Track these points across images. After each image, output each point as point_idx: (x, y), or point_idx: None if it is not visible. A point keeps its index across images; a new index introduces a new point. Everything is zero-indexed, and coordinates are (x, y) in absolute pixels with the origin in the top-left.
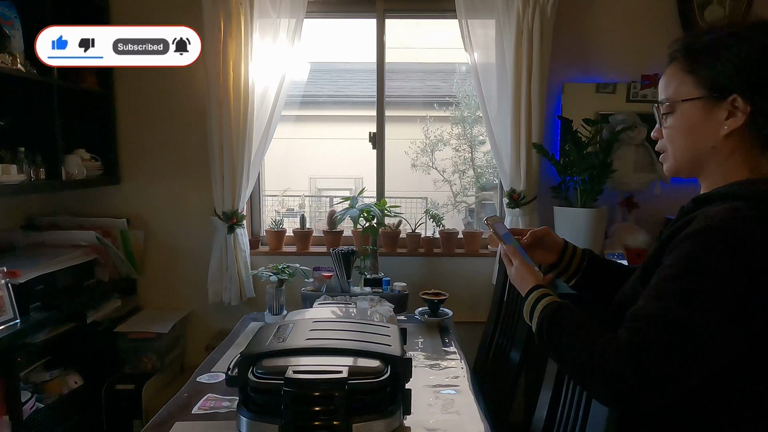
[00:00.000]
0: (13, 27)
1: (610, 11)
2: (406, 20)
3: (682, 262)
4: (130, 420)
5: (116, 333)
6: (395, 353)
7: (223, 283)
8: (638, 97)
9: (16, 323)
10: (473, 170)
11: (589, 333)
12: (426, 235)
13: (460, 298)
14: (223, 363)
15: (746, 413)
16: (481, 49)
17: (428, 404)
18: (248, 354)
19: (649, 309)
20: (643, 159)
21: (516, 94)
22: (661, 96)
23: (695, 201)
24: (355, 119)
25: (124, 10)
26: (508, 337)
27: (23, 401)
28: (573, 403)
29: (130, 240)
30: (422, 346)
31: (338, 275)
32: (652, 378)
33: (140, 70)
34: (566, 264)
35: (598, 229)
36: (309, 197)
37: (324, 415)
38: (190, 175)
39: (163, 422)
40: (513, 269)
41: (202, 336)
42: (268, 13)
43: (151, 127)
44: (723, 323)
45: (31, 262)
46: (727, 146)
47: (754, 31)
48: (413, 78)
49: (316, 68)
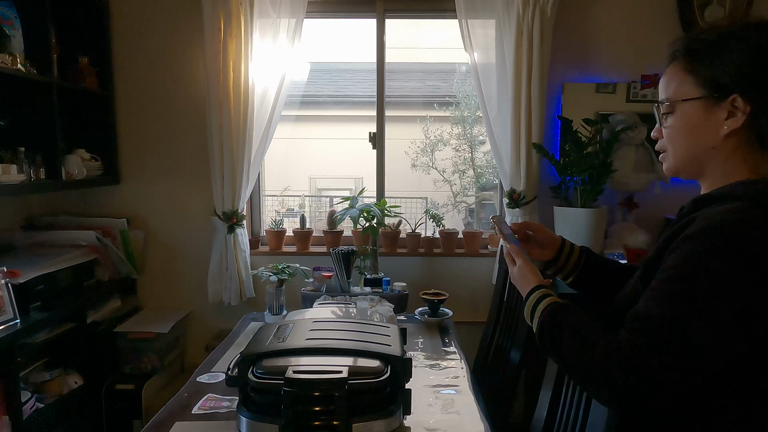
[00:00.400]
0: (13, 27)
1: (610, 11)
2: (406, 20)
3: (682, 263)
4: (130, 420)
5: (116, 333)
6: (395, 353)
7: (223, 283)
8: (638, 97)
9: (16, 323)
10: (473, 170)
11: (590, 334)
12: (426, 235)
13: (460, 298)
14: (223, 363)
15: (746, 413)
16: (481, 49)
17: (428, 404)
18: (248, 354)
19: (649, 310)
20: (643, 159)
21: (516, 94)
22: (661, 96)
23: (695, 201)
24: (355, 119)
25: (124, 11)
26: (508, 337)
27: (23, 401)
28: (573, 403)
29: (130, 240)
30: (422, 346)
31: (338, 275)
32: (652, 379)
33: (140, 70)
34: (564, 261)
35: (598, 229)
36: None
37: (324, 415)
38: (190, 175)
39: (163, 422)
40: (515, 269)
41: (202, 336)
42: (268, 13)
43: (151, 127)
44: (723, 324)
45: (31, 262)
46: (728, 146)
47: (755, 31)
48: (413, 78)
49: (316, 68)
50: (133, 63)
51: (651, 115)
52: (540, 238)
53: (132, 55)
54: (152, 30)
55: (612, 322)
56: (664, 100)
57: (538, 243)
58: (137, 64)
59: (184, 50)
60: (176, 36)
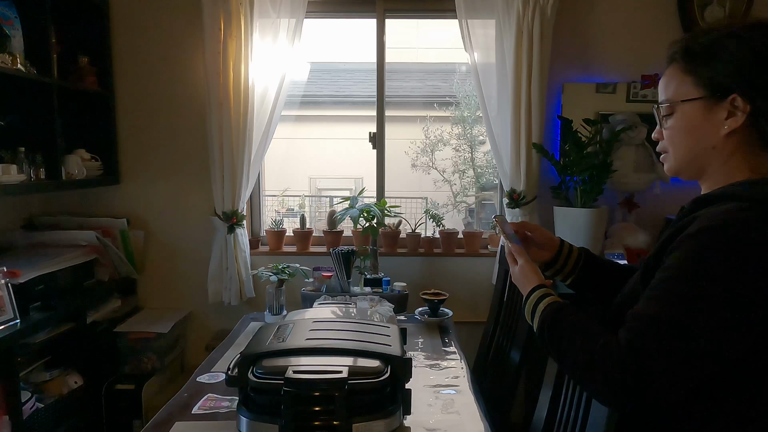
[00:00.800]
0: (13, 27)
1: (610, 11)
2: (406, 20)
3: (682, 263)
4: (130, 420)
5: (116, 333)
6: (395, 353)
7: (223, 283)
8: (638, 97)
9: (16, 323)
10: (473, 170)
11: (590, 333)
12: (426, 235)
13: (460, 298)
14: (223, 363)
15: (746, 413)
16: (481, 49)
17: (428, 404)
18: (248, 354)
19: (649, 310)
20: (643, 159)
21: (516, 94)
22: (661, 97)
23: (696, 201)
24: (355, 119)
25: (124, 11)
26: (508, 337)
27: (23, 401)
28: (573, 403)
29: (130, 240)
30: (422, 346)
31: (338, 275)
32: (652, 379)
33: (140, 71)
34: (563, 263)
35: (598, 229)
36: (309, 197)
37: (324, 415)
38: (190, 175)
39: (163, 422)
40: (517, 268)
41: (202, 336)
42: (268, 13)
43: (151, 127)
44: (723, 324)
45: (31, 262)
46: (728, 146)
47: (754, 31)
48: (413, 78)
49: (316, 68)
50: (133, 63)
51: (651, 115)
52: (538, 239)
53: (132, 55)
54: (152, 30)
55: (612, 322)
56: (664, 102)
57: (536, 243)
58: (137, 64)
59: (184, 50)
60: (176, 36)
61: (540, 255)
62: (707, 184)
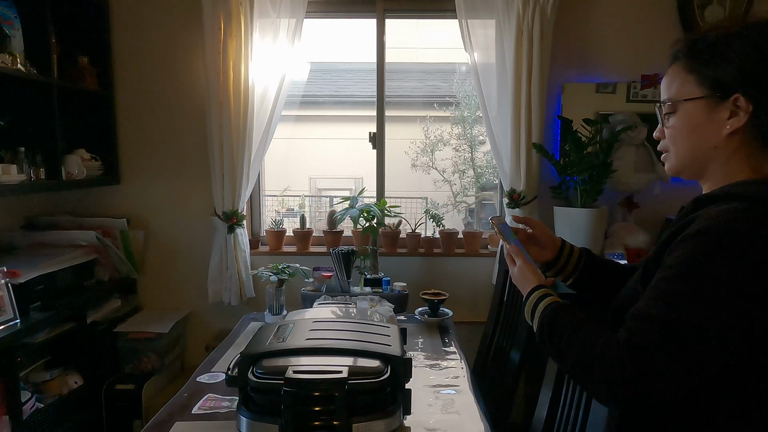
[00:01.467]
0: (13, 27)
1: (610, 11)
2: (406, 20)
3: (682, 262)
4: (130, 420)
5: (116, 333)
6: (395, 353)
7: (223, 283)
8: (638, 97)
9: (16, 323)
10: (473, 170)
11: (590, 333)
12: (426, 235)
13: (460, 298)
14: (223, 363)
15: (746, 413)
16: (481, 49)
17: (428, 404)
18: (248, 354)
19: (649, 310)
20: (644, 159)
21: (516, 94)
22: (663, 96)
23: (696, 201)
24: (355, 119)
25: (124, 11)
26: (508, 337)
27: (23, 401)
28: (573, 403)
29: (130, 240)
30: (422, 346)
31: (338, 275)
32: (651, 378)
33: (140, 71)
34: (563, 263)
35: (598, 229)
36: (309, 197)
37: (324, 415)
38: (190, 175)
39: (163, 422)
40: (516, 269)
41: (202, 336)
42: (268, 13)
43: (151, 127)
44: (723, 324)
45: (31, 262)
46: (730, 146)
47: (756, 30)
48: (413, 78)
49: (316, 68)
50: (133, 63)
51: (651, 115)
52: (539, 236)
53: (132, 55)
54: (152, 30)
55: (612, 322)
56: (666, 100)
57: (538, 242)
58: (137, 64)
59: (184, 50)
60: (176, 36)
61: (542, 255)
62: (708, 184)
